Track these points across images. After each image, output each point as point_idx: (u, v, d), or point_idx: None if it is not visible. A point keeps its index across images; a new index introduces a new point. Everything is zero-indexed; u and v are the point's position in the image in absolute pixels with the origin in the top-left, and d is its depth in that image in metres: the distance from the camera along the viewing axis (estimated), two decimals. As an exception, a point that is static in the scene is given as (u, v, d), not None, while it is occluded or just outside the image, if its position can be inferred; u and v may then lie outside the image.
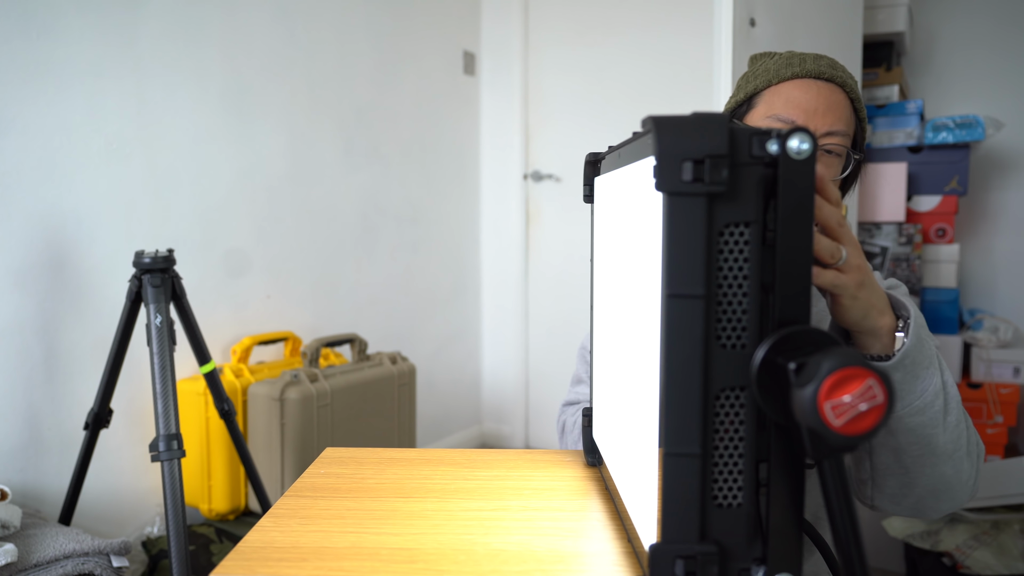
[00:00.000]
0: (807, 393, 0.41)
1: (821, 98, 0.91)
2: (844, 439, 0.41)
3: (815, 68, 0.92)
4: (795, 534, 0.48)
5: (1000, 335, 2.22)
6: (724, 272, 0.47)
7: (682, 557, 0.46)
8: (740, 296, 0.47)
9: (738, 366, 0.47)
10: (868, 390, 0.41)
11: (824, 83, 0.92)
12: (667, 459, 0.47)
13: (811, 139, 0.45)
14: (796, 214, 0.46)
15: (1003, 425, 2.19)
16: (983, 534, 1.66)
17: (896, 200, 2.19)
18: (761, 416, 0.47)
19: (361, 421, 1.83)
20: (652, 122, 0.46)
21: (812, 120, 0.90)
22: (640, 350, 0.55)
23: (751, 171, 0.46)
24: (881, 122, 2.28)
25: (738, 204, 0.46)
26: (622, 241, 0.63)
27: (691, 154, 0.45)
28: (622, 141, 0.66)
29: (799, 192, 0.46)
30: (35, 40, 1.47)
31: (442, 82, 2.74)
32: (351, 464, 0.81)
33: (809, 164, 0.46)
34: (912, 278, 2.20)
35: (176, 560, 1.21)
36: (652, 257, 0.50)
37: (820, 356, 0.42)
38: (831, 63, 0.94)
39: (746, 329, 0.47)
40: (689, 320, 0.46)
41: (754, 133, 0.46)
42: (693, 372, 0.46)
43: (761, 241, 0.47)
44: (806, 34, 1.83)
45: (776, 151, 0.45)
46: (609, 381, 0.71)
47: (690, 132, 0.45)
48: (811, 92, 0.91)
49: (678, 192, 0.45)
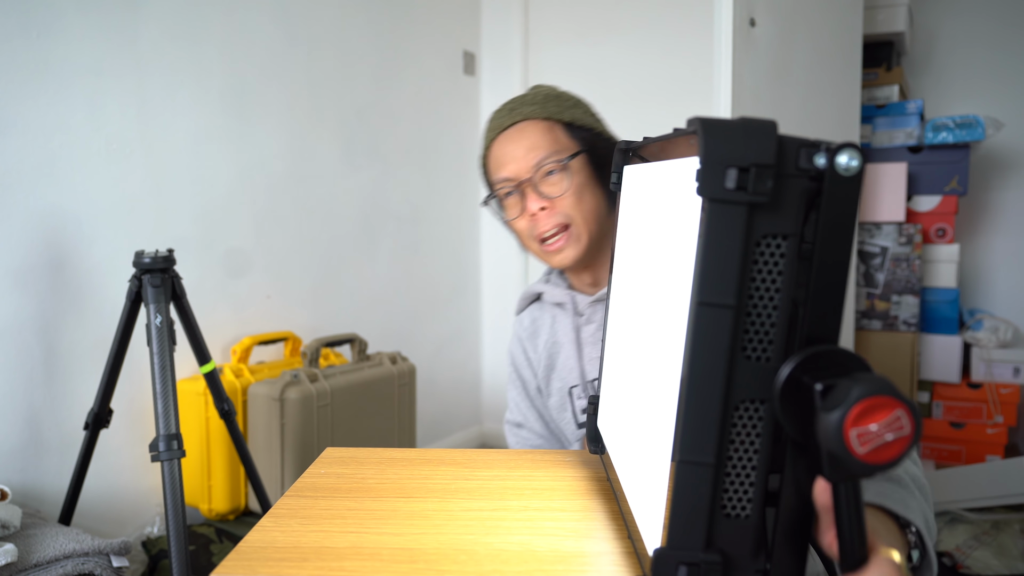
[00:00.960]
0: (834, 418, 0.40)
1: (514, 145, 1.00)
2: (866, 467, 0.41)
3: (499, 124, 1.03)
4: (800, 550, 0.47)
5: (1000, 335, 2.22)
6: (757, 283, 0.46)
7: (686, 564, 0.46)
8: (771, 309, 0.46)
9: (761, 379, 0.46)
10: (896, 420, 0.40)
11: (511, 130, 1.01)
12: (680, 466, 0.46)
13: (860, 156, 0.44)
14: (837, 230, 0.45)
15: (1003, 425, 2.19)
16: (983, 534, 1.67)
17: (896, 200, 2.19)
18: (777, 430, 0.47)
19: (361, 421, 1.83)
20: (699, 124, 0.44)
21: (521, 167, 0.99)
22: (660, 351, 0.54)
23: (795, 183, 0.45)
24: (881, 122, 2.28)
25: (778, 216, 0.45)
26: (651, 238, 0.62)
27: (737, 161, 0.43)
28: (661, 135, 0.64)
29: (842, 209, 0.44)
30: (35, 40, 1.47)
31: (442, 82, 2.74)
32: (351, 464, 0.81)
33: (856, 182, 0.44)
34: (912, 278, 2.20)
35: (176, 560, 1.21)
36: (683, 260, 0.49)
37: (850, 382, 0.41)
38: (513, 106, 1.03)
39: (773, 342, 0.46)
40: (717, 329, 0.45)
41: (803, 144, 0.44)
42: (715, 381, 0.45)
43: (797, 255, 0.45)
44: (806, 34, 1.83)
45: (823, 165, 0.44)
46: (621, 374, 0.71)
47: (737, 138, 0.44)
48: (505, 146, 1.01)
49: (720, 199, 0.44)
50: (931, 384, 2.28)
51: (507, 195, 1.03)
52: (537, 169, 0.99)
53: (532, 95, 1.05)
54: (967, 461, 2.21)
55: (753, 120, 0.44)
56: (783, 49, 1.73)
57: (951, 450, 2.25)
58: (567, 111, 1.03)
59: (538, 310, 1.15)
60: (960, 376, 2.23)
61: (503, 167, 1.02)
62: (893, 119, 2.25)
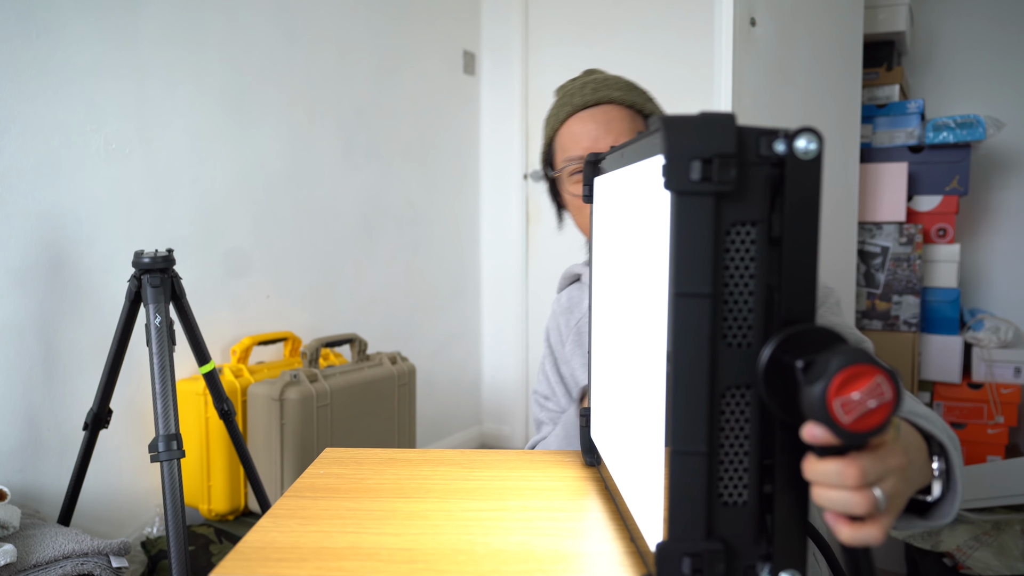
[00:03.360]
0: (816, 390, 0.41)
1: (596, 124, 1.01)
2: (853, 436, 0.42)
3: (581, 101, 1.03)
4: (800, 531, 0.48)
5: (1001, 335, 2.22)
6: (731, 271, 0.47)
7: (689, 555, 0.47)
8: (746, 295, 0.47)
9: (744, 364, 0.47)
10: (876, 387, 0.41)
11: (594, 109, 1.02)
12: (674, 457, 0.47)
13: (818, 139, 0.45)
14: (802, 213, 0.46)
15: (1004, 425, 2.19)
16: (984, 534, 1.66)
17: (897, 200, 2.19)
18: (766, 414, 0.47)
19: (361, 421, 1.82)
20: (660, 121, 0.46)
21: (596, 146, 1.00)
22: (644, 349, 0.55)
23: (758, 171, 0.46)
24: (882, 122, 2.27)
25: (745, 203, 0.46)
26: (625, 240, 0.63)
27: (699, 153, 0.45)
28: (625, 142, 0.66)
29: (805, 192, 0.46)
30: (35, 40, 1.47)
31: (442, 82, 2.73)
32: (351, 464, 0.81)
33: (816, 164, 0.46)
34: (913, 278, 2.20)
35: (175, 560, 1.20)
36: (658, 256, 0.50)
37: (828, 354, 0.42)
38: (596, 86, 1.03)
39: (752, 328, 0.47)
40: (696, 319, 0.46)
41: (762, 133, 0.46)
42: (700, 370, 0.46)
43: (767, 240, 0.47)
44: (806, 34, 1.82)
45: (783, 151, 0.46)
46: (609, 381, 0.71)
47: (699, 131, 0.45)
48: (586, 124, 1.02)
49: (686, 191, 0.45)
50: (932, 384, 2.28)
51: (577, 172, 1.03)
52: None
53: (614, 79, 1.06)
54: (968, 461, 2.21)
55: (712, 113, 0.46)
56: (783, 49, 1.73)
57: (952, 450, 2.25)
58: (648, 103, 1.05)
59: (577, 290, 1.17)
60: (961, 376, 2.23)
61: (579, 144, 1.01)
62: (894, 119, 2.25)
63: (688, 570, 0.47)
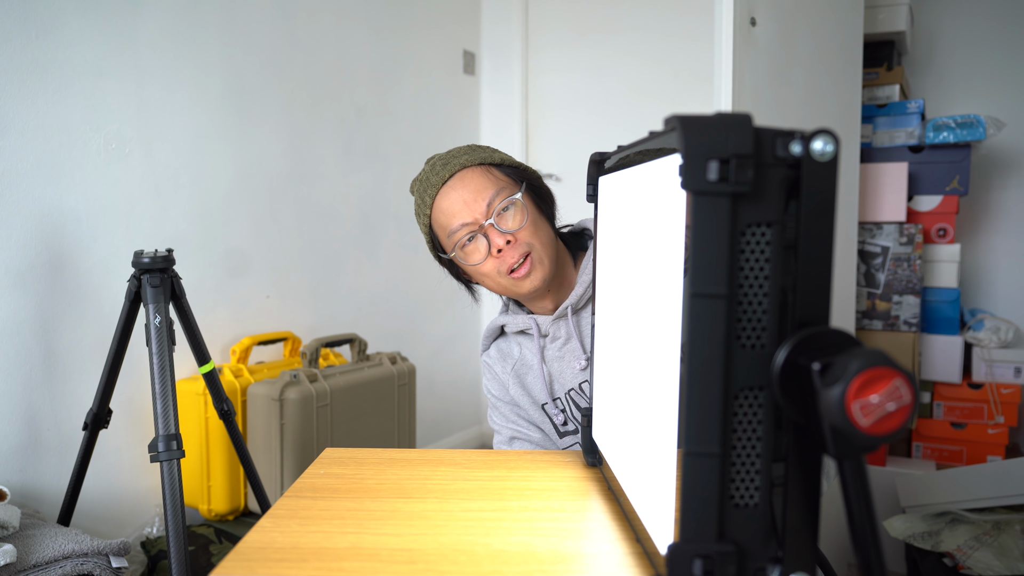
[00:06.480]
0: (835, 393, 0.41)
1: (462, 190, 1.03)
2: (870, 439, 0.41)
3: (439, 179, 1.05)
4: (810, 534, 0.48)
5: (1001, 335, 2.22)
6: (746, 272, 0.47)
7: (700, 556, 0.47)
8: (761, 296, 0.47)
9: (758, 366, 0.47)
10: (895, 390, 0.41)
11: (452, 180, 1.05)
12: (687, 458, 0.47)
13: (834, 141, 0.45)
14: (818, 215, 0.46)
15: (1004, 425, 2.19)
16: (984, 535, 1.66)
17: (897, 200, 2.19)
18: (778, 416, 0.47)
19: (361, 421, 1.82)
20: (678, 121, 0.46)
21: (472, 211, 1.03)
22: (654, 349, 0.55)
23: (774, 172, 0.46)
24: (882, 122, 2.27)
25: (761, 204, 0.46)
26: (634, 240, 0.62)
27: (717, 153, 0.45)
28: (633, 141, 0.65)
29: (821, 193, 0.46)
30: (35, 40, 1.47)
31: (442, 82, 2.73)
32: (351, 464, 0.81)
33: (832, 166, 0.45)
34: (913, 278, 2.20)
35: (175, 561, 1.20)
36: (671, 256, 0.49)
37: (847, 357, 0.42)
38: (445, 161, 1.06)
39: (766, 329, 0.47)
40: (712, 319, 0.46)
41: (778, 134, 0.46)
42: (714, 371, 0.46)
43: (782, 242, 0.47)
44: (806, 34, 1.82)
45: (800, 152, 0.45)
46: (613, 381, 0.71)
47: (716, 132, 0.45)
48: (452, 195, 1.04)
49: (704, 191, 0.45)
50: (932, 384, 2.28)
51: (469, 240, 1.05)
52: (491, 209, 1.02)
53: (454, 151, 1.08)
54: (968, 461, 2.21)
55: (729, 114, 0.46)
56: (783, 49, 1.73)
57: (952, 450, 2.25)
58: (493, 155, 1.08)
59: (504, 342, 1.18)
60: (961, 376, 2.23)
61: (456, 216, 1.04)
62: (894, 119, 2.25)
63: (699, 572, 0.46)
